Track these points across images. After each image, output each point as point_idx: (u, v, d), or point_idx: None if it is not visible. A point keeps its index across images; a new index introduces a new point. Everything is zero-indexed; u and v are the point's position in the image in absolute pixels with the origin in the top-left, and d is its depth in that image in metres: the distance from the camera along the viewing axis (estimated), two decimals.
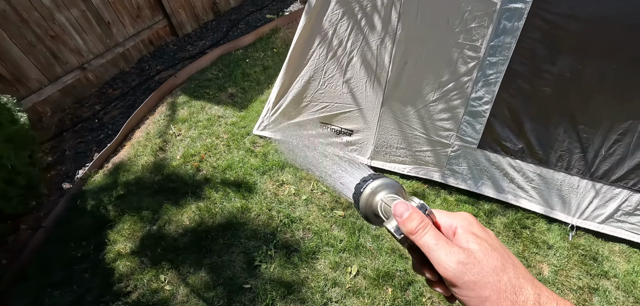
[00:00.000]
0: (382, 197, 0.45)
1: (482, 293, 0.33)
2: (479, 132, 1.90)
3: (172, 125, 2.92)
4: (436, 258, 0.36)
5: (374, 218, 0.47)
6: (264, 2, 5.27)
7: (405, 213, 0.39)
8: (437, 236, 0.37)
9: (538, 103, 1.76)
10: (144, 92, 3.72)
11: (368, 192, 0.46)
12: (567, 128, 1.78)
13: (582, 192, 1.95)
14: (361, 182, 0.48)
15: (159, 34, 4.58)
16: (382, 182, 0.46)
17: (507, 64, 1.68)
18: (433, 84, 1.86)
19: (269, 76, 3.32)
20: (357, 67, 1.99)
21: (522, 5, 1.54)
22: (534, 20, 1.56)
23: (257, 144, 2.55)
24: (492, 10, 1.59)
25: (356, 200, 0.48)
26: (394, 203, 0.40)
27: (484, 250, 0.35)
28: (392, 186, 0.46)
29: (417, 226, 0.38)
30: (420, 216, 0.38)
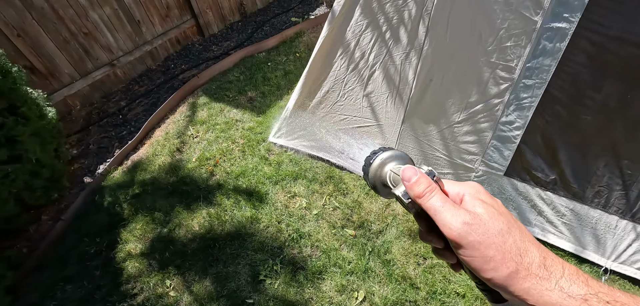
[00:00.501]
0: (392, 167, 0.46)
1: (487, 252, 0.33)
2: (507, 158, 1.74)
3: (190, 126, 2.94)
4: (442, 220, 0.36)
5: (382, 189, 0.48)
6: (291, 4, 5.27)
7: (413, 177, 0.39)
8: (444, 200, 0.37)
9: (577, 132, 1.58)
10: (168, 91, 3.80)
11: (377, 163, 0.46)
12: (608, 162, 1.59)
13: (621, 233, 1.74)
14: (371, 154, 0.48)
15: (186, 33, 4.69)
16: (392, 153, 0.47)
17: (544, 87, 1.53)
18: (459, 104, 1.72)
19: (289, 81, 3.28)
20: (379, 81, 1.89)
21: (567, 25, 1.38)
22: (580, 42, 1.40)
23: (272, 152, 2.51)
24: (532, 29, 1.44)
25: (366, 172, 0.49)
26: (403, 168, 0.41)
27: (490, 214, 0.35)
28: (401, 157, 0.47)
29: (424, 189, 0.38)
30: (428, 180, 0.39)
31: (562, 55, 1.44)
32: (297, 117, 2.34)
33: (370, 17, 1.75)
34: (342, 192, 2.14)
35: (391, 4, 1.66)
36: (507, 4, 1.44)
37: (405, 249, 1.84)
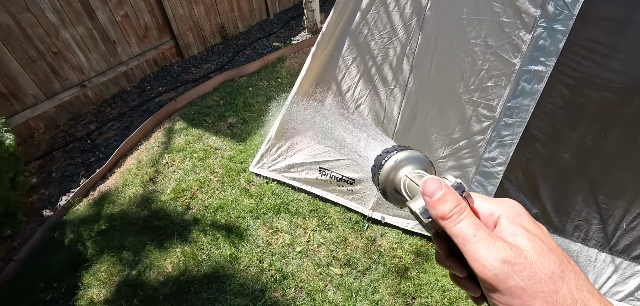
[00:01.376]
0: (408, 172, 0.39)
1: (531, 303, 0.26)
2: (491, 193, 1.75)
3: (166, 154, 2.79)
4: (473, 252, 0.28)
5: (394, 196, 0.41)
6: (272, 28, 5.29)
7: (437, 193, 0.31)
8: (477, 226, 0.29)
9: (556, 169, 1.62)
10: (142, 114, 3.62)
11: (390, 164, 0.40)
12: (586, 197, 1.63)
13: (601, 266, 1.78)
14: (383, 153, 0.42)
15: (164, 54, 4.56)
16: (409, 154, 0.40)
17: (524, 126, 1.56)
18: (443, 140, 1.73)
19: (271, 108, 3.22)
20: (364, 115, 1.87)
21: (543, 68, 1.44)
22: (555, 84, 1.45)
23: (253, 183, 2.41)
24: (511, 71, 1.48)
25: (376, 173, 0.42)
26: (424, 179, 0.33)
27: (538, 250, 0.28)
28: (419, 161, 0.40)
29: (451, 210, 0.30)
30: (456, 198, 0.31)
31: (540, 96, 1.49)
32: (280, 146, 2.27)
33: (356, 52, 1.74)
34: (327, 226, 2.07)
35: (376, 42, 1.66)
36: (487, 46, 1.48)
37: (393, 288, 1.78)
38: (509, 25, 1.42)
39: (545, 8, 1.34)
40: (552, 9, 1.34)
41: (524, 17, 1.39)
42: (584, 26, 1.33)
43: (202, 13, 4.68)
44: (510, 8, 1.39)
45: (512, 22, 1.41)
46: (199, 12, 4.64)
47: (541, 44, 1.40)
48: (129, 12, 3.93)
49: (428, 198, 0.32)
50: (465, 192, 0.33)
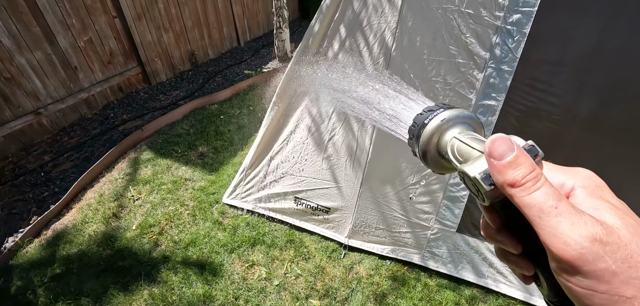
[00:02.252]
0: (456, 134, 0.34)
1: (622, 290, 0.21)
2: (458, 216, 1.88)
3: (131, 187, 2.65)
4: (552, 227, 0.23)
5: (436, 161, 0.36)
6: (243, 56, 5.33)
7: (508, 154, 0.26)
8: (557, 196, 0.24)
9: None
10: (105, 143, 3.43)
11: (436, 124, 0.35)
12: None
13: None
14: (426, 111, 0.36)
15: (130, 80, 4.40)
16: (458, 113, 0.35)
17: None
18: (412, 168, 1.84)
19: (243, 136, 3.21)
20: (338, 145, 1.94)
21: (495, 102, 1.61)
22: (506, 117, 1.62)
23: (227, 215, 2.35)
24: (468, 105, 1.64)
25: (415, 134, 0.36)
26: (492, 138, 0.28)
27: (631, 229, 0.23)
28: (470, 121, 0.35)
29: (524, 176, 0.25)
30: (531, 162, 0.26)
31: (494, 127, 1.65)
32: (255, 175, 2.26)
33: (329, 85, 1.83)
34: (304, 256, 2.06)
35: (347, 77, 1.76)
36: (447, 83, 1.63)
37: None
38: (464, 65, 1.59)
39: (493, 51, 1.53)
40: (498, 53, 1.52)
41: (476, 59, 1.56)
42: (526, 67, 1.52)
43: (171, 40, 4.62)
44: (464, 51, 1.56)
45: (466, 62, 1.58)
46: (168, 39, 4.58)
47: (492, 82, 1.58)
48: (94, 38, 3.79)
49: (495, 161, 0.26)
50: (538, 157, 0.28)
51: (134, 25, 4.13)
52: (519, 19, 1.45)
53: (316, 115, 1.94)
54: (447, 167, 0.36)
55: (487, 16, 1.46)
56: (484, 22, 1.48)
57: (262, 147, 2.17)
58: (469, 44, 1.54)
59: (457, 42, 1.55)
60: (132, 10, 4.07)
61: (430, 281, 1.99)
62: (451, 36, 1.55)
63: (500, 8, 1.42)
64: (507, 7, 1.41)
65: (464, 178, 0.30)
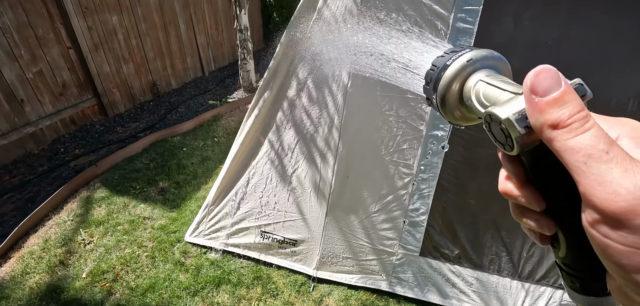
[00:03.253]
0: (483, 76, 0.30)
1: None
2: (420, 240, 1.96)
3: (82, 229, 2.45)
4: (600, 175, 0.20)
5: (457, 109, 0.31)
6: (208, 86, 5.28)
7: (555, 89, 0.23)
8: (609, 140, 0.21)
9: (466, 213, 1.91)
10: (53, 182, 3.17)
11: (460, 64, 0.30)
12: (493, 234, 1.94)
13: (515, 293, 2.07)
14: (448, 53, 0.32)
15: (84, 112, 4.16)
16: (487, 53, 0.30)
17: (436, 179, 1.83)
18: (374, 196, 1.91)
19: (207, 169, 3.13)
20: (302, 177, 1.97)
21: (443, 133, 1.75)
22: (455, 145, 1.77)
23: (189, 255, 2.25)
24: (420, 135, 1.77)
25: (435, 78, 0.31)
26: (534, 70, 0.23)
27: None
28: (499, 64, 0.30)
29: (571, 114, 0.22)
30: (579, 102, 0.23)
31: (444, 155, 1.79)
32: (219, 211, 2.21)
33: (291, 120, 1.88)
34: (272, 293, 2.02)
35: (307, 113, 1.82)
36: (399, 116, 1.75)
37: None
38: (413, 99, 1.72)
39: None
40: None
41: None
42: None
43: (131, 71, 4.48)
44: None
45: (415, 97, 1.71)
46: (128, 70, 4.44)
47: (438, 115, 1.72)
48: (44, 69, 3.57)
49: (538, 98, 0.23)
50: (586, 97, 0.25)
51: (90, 56, 3.96)
52: None
53: (279, 148, 1.97)
54: (468, 116, 0.33)
55: None
56: None
57: (227, 181, 2.14)
58: None
59: None
60: (89, 41, 3.92)
61: None
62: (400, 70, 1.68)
63: None
64: None
65: (489, 125, 0.27)
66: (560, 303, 2.03)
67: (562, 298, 2.03)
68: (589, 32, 1.46)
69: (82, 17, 3.77)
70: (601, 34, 1.46)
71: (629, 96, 1.50)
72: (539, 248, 1.95)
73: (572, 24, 1.48)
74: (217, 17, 5.81)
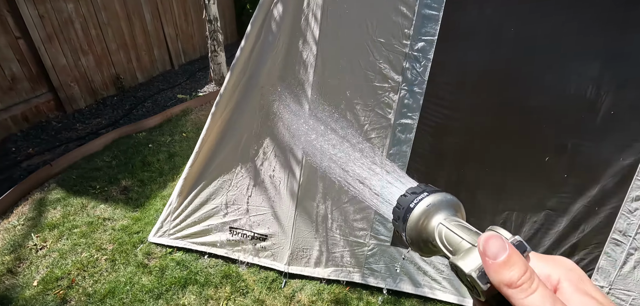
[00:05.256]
0: (443, 220, 0.34)
1: None
2: (391, 229, 1.96)
3: (33, 234, 2.26)
4: None
5: (425, 247, 0.35)
6: (177, 80, 5.05)
7: (502, 254, 0.26)
8: (553, 299, 0.25)
9: None
10: (2, 184, 2.90)
11: (421, 210, 0.34)
12: None
13: None
14: (409, 194, 0.36)
15: (38, 108, 3.85)
16: (442, 198, 0.35)
17: (405, 168, 1.83)
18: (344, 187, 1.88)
19: (174, 166, 2.99)
20: (270, 170, 1.91)
21: (411, 121, 1.74)
22: (423, 133, 1.76)
23: (153, 255, 2.13)
24: (388, 124, 1.75)
25: (401, 217, 0.35)
26: (485, 236, 0.28)
27: None
28: (453, 205, 0.35)
29: (519, 276, 0.25)
30: (523, 262, 0.26)
31: (413, 143, 1.78)
32: (184, 208, 2.10)
33: (258, 110, 1.80)
34: (241, 291, 1.95)
35: (276, 102, 1.76)
36: (366, 105, 1.73)
37: None
38: (380, 88, 1.69)
39: (405, 75, 1.66)
40: (409, 76, 1.66)
41: (390, 82, 1.68)
42: (434, 88, 1.68)
43: (91, 63, 4.19)
44: (379, 75, 1.67)
45: (382, 85, 1.69)
46: (88, 62, 4.15)
47: (406, 103, 1.71)
48: None
49: (490, 260, 0.27)
50: (527, 252, 0.29)
51: (43, 48, 3.66)
52: (423, 47, 1.60)
53: (246, 140, 1.89)
54: (435, 252, 0.36)
55: (396, 44, 1.59)
56: (394, 49, 1.61)
57: (192, 176, 2.03)
58: (383, 69, 1.65)
59: (372, 67, 1.66)
60: (41, 32, 3.62)
61: (372, 298, 2.02)
62: (367, 62, 1.65)
63: (407, 37, 1.56)
64: (412, 36, 1.55)
65: (456, 270, 0.30)
66: None
67: None
68: (549, 23, 1.49)
69: (32, 5, 3.46)
70: (560, 26, 1.49)
71: (588, 84, 1.55)
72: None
73: (534, 14, 1.50)
74: (187, 7, 5.55)
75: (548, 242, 2.01)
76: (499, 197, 1.93)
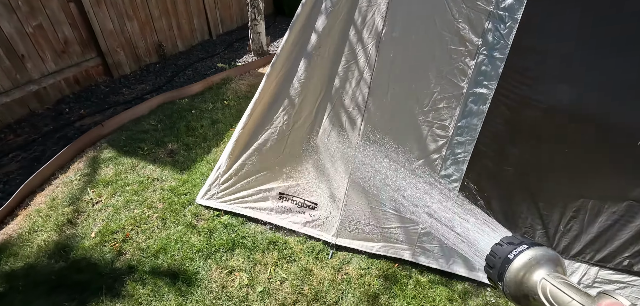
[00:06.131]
0: (546, 275, 0.34)
1: None
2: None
3: (89, 189, 2.35)
4: None
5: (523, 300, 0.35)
6: (216, 49, 5.05)
7: None
8: None
9: (503, 182, 1.76)
10: (58, 142, 3.06)
11: (522, 262, 0.35)
12: (529, 206, 1.80)
13: None
14: (505, 243, 0.37)
15: (88, 73, 3.99)
16: (544, 252, 0.35)
17: (474, 144, 1.67)
18: (402, 160, 1.76)
19: (218, 132, 2.98)
20: (324, 138, 1.82)
21: (487, 91, 1.56)
22: (498, 105, 1.59)
23: (201, 217, 2.14)
24: (460, 93, 1.58)
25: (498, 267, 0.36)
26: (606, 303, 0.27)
27: None
28: (554, 260, 0.35)
29: None
30: None
31: (486, 116, 1.61)
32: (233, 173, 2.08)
33: (312, 73, 1.70)
34: (289, 259, 1.92)
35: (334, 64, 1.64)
36: (439, 71, 1.57)
37: None
38: (456, 52, 1.52)
39: (485, 37, 1.47)
40: (490, 39, 1.47)
41: (468, 45, 1.50)
42: (517, 55, 1.48)
43: (136, 29, 4.25)
44: (456, 36, 1.50)
45: (458, 49, 1.52)
46: (133, 28, 4.21)
47: (484, 70, 1.53)
48: (44, 23, 3.37)
49: None
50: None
51: (92, 11, 3.73)
52: (511, 4, 1.40)
53: (299, 106, 1.81)
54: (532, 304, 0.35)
55: (479, 0, 1.41)
56: (477, 6, 1.43)
57: (242, 141, 1.99)
58: (462, 30, 1.48)
59: (449, 27, 1.48)
60: None
61: (422, 277, 1.92)
62: (444, 21, 1.48)
63: None
64: None
65: None
66: (594, 280, 1.91)
67: (597, 275, 1.92)
68: None
69: None
70: None
71: None
72: (577, 222, 1.80)
73: None
74: None
75: (626, 235, 1.80)
76: (576, 182, 1.73)
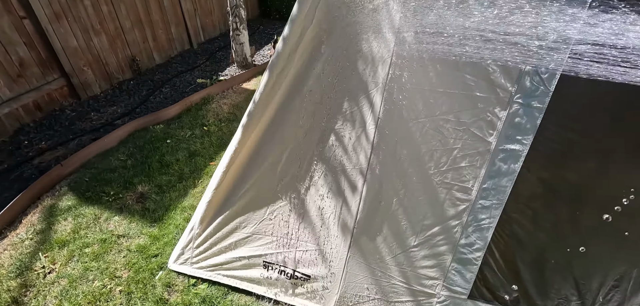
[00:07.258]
0: None
1: None
2: (470, 281, 1.52)
3: (41, 254, 1.98)
4: None
5: None
6: (196, 61, 4.63)
7: None
8: None
9: (534, 249, 1.46)
10: (12, 184, 2.66)
11: None
12: (565, 275, 1.51)
13: None
14: None
15: (51, 96, 3.56)
16: None
17: (501, 208, 1.36)
18: (414, 228, 1.44)
19: (196, 167, 2.62)
20: (319, 198, 1.49)
21: (520, 147, 1.24)
22: (532, 163, 1.27)
23: (175, 288, 1.80)
24: (487, 150, 1.26)
25: None
26: None
27: None
28: None
29: None
30: None
31: (517, 176, 1.30)
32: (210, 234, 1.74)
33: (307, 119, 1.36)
34: None
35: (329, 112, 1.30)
36: (459, 123, 1.24)
37: None
38: (483, 100, 1.20)
39: (521, 83, 1.15)
40: (528, 85, 1.15)
41: (498, 92, 1.18)
42: (559, 103, 1.16)
43: (104, 44, 3.82)
44: (484, 81, 1.17)
45: (486, 97, 1.19)
46: (101, 44, 3.78)
47: (517, 122, 1.21)
48: None
49: None
50: None
51: (50, 28, 3.30)
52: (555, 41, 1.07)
53: (289, 158, 1.47)
54: None
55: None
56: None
57: (217, 201, 1.65)
58: (492, 73, 1.15)
59: (475, 69, 1.15)
60: (47, 9, 3.24)
61: None
62: (468, 62, 1.15)
63: None
64: None
65: None
66: None
67: None
68: None
69: None
70: None
71: None
72: (619, 291, 1.52)
73: None
74: None
75: None
76: (621, 249, 1.44)
